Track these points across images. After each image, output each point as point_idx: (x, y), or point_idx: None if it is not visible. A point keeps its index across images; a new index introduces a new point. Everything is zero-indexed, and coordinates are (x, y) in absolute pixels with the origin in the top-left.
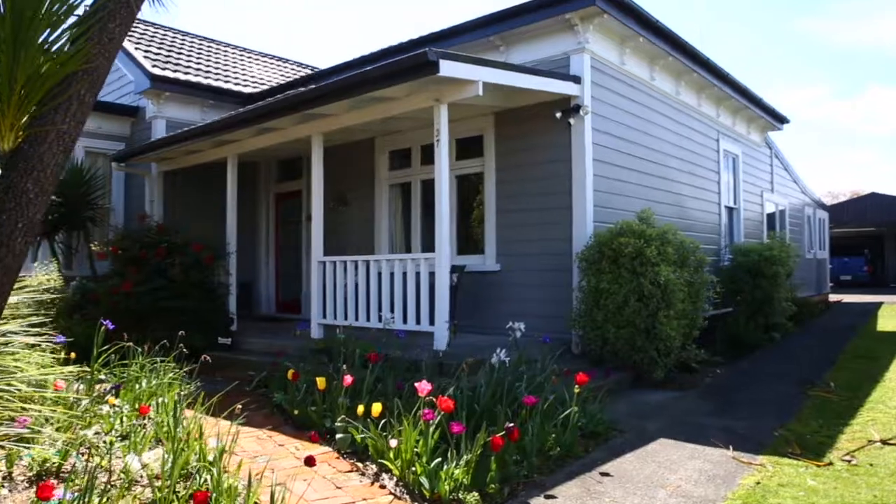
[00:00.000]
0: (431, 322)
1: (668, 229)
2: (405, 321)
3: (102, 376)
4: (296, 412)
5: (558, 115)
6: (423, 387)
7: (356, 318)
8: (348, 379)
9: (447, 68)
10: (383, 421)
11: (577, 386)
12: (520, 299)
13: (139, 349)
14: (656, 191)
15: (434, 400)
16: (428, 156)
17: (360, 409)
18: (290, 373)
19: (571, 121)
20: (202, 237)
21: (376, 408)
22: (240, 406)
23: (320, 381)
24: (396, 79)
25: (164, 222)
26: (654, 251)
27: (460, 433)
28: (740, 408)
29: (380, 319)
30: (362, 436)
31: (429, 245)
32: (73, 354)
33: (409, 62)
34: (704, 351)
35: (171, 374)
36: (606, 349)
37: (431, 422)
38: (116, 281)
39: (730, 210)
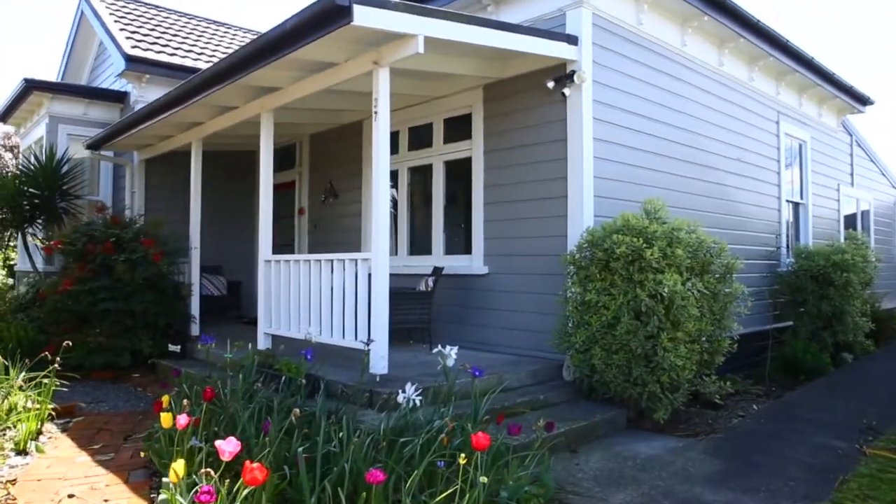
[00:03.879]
0: (368, 338)
1: (679, 225)
2: (343, 335)
3: None
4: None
5: (550, 84)
6: (225, 447)
7: (299, 329)
8: (182, 420)
9: (365, 16)
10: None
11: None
12: (510, 309)
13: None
14: (689, 180)
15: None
16: (416, 139)
17: (178, 468)
18: (165, 399)
19: (566, 91)
20: (175, 232)
21: (178, 469)
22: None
23: (164, 419)
24: (313, 31)
25: (141, 214)
26: (656, 253)
27: None
28: (760, 472)
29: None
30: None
31: (417, 242)
32: None
33: (319, 7)
34: (746, 377)
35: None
36: (596, 378)
37: None
38: (58, 279)
39: (794, 206)
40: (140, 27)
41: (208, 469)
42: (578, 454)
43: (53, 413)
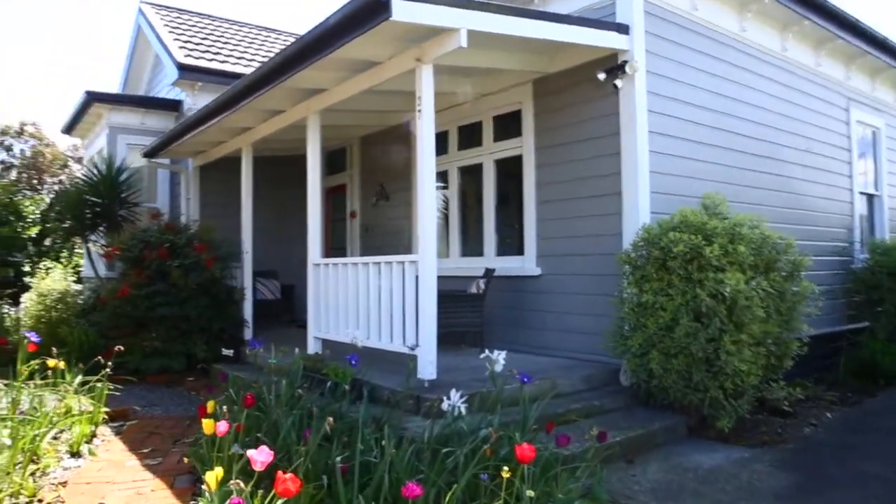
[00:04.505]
0: (415, 342)
1: (741, 221)
2: (392, 339)
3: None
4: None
5: (602, 76)
6: (257, 457)
7: (347, 334)
8: (222, 427)
9: (405, 11)
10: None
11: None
12: (564, 311)
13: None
14: (752, 173)
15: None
16: (465, 138)
17: (213, 476)
18: (210, 404)
19: (618, 83)
20: (228, 237)
21: (214, 476)
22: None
23: (206, 425)
24: (354, 28)
25: (195, 220)
26: (716, 251)
27: None
28: (835, 489)
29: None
30: None
31: (469, 244)
32: (62, 363)
33: (359, 2)
34: (817, 382)
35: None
36: (654, 384)
37: None
38: (116, 284)
39: (868, 198)
40: (192, 37)
41: (238, 480)
42: (635, 465)
43: (108, 416)
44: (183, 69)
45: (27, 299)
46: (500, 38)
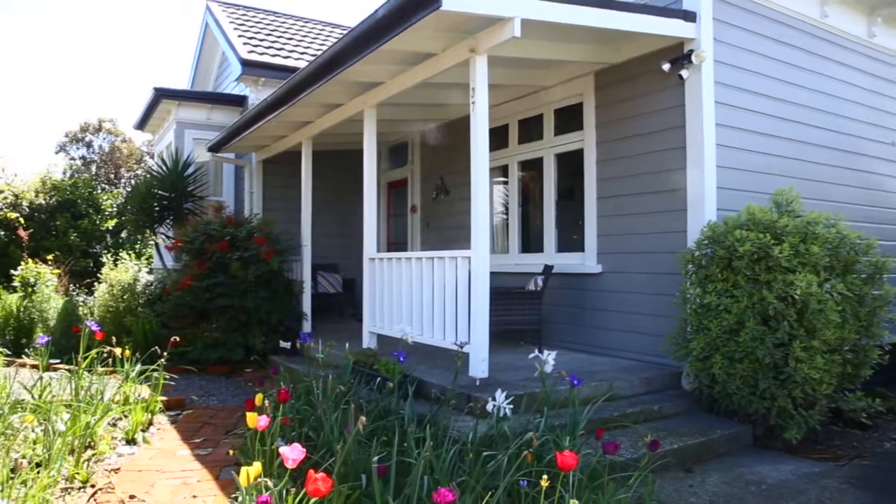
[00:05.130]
0: (468, 338)
1: (816, 219)
2: (444, 336)
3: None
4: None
5: (666, 66)
6: (288, 454)
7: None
8: (262, 421)
9: (455, 1)
10: None
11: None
12: (625, 311)
13: (161, 352)
14: (829, 168)
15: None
16: (526, 132)
17: (250, 472)
18: (258, 397)
19: (684, 73)
20: (289, 230)
21: (250, 472)
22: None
23: (249, 419)
24: (403, 19)
25: (257, 213)
26: (786, 250)
27: None
28: None
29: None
30: None
31: (528, 240)
32: (126, 352)
33: None
34: None
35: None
36: (717, 389)
37: None
38: (180, 276)
39: None
40: (257, 33)
41: (267, 479)
42: (693, 474)
43: (164, 405)
44: (246, 65)
45: (98, 289)
46: (558, 28)
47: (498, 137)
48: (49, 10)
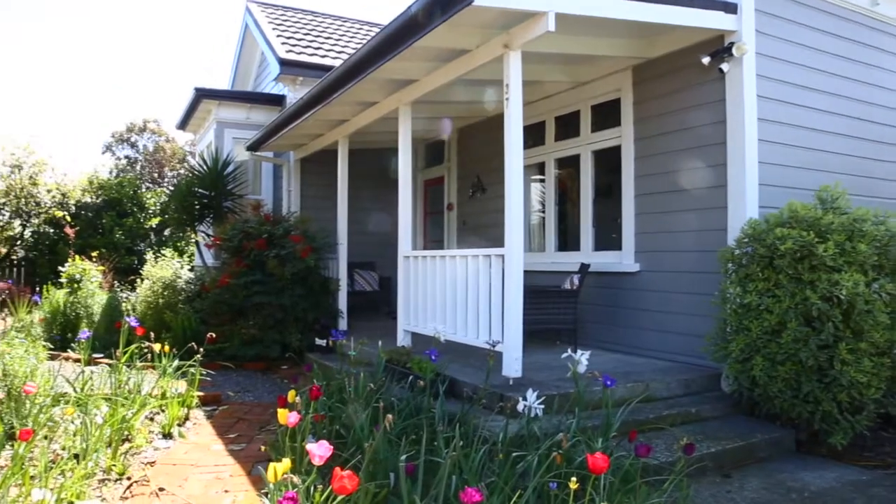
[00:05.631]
0: (501, 337)
1: (863, 216)
2: (478, 335)
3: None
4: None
5: (706, 60)
6: (315, 451)
7: (434, 327)
8: (292, 418)
9: None
10: None
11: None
12: (663, 310)
13: (198, 348)
14: (880, 163)
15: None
16: (563, 128)
17: (278, 468)
18: (290, 394)
19: (724, 67)
20: (325, 228)
21: (278, 468)
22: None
23: (280, 415)
24: (436, 15)
25: (295, 212)
26: (831, 249)
27: None
28: None
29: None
30: None
31: (566, 238)
32: (165, 347)
33: None
34: None
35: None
36: (757, 392)
37: None
38: (218, 273)
39: None
40: (295, 33)
41: (293, 474)
42: (732, 479)
43: (201, 400)
44: (284, 64)
45: (140, 286)
46: (593, 22)
47: (534, 134)
48: (100, 16)
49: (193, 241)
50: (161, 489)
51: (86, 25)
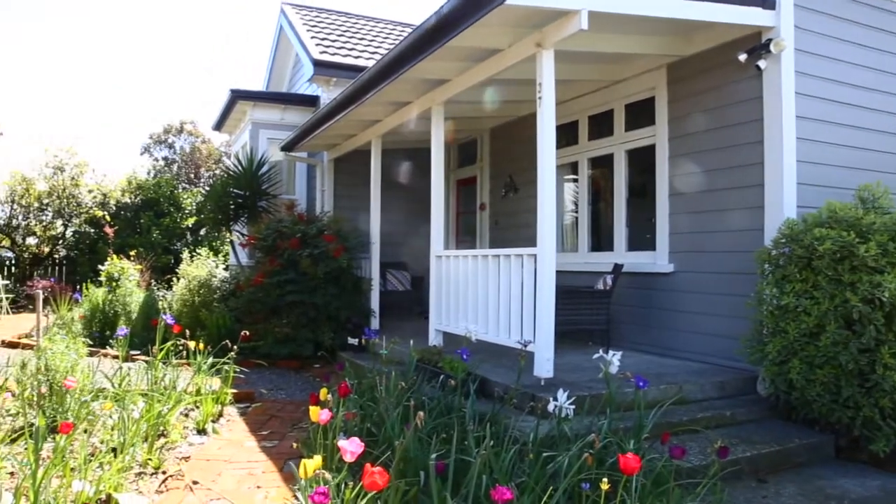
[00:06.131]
0: (533, 337)
1: None
2: (509, 335)
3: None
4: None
5: (742, 57)
6: (347, 447)
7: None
8: (324, 415)
9: None
10: None
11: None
12: (697, 311)
13: (232, 346)
14: None
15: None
16: (597, 127)
17: (308, 464)
18: (322, 392)
19: (761, 64)
20: (358, 228)
21: (309, 465)
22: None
23: (312, 413)
24: (469, 14)
25: (328, 211)
26: (873, 249)
27: None
28: None
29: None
30: None
31: (599, 238)
32: (199, 345)
33: None
34: None
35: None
36: (794, 396)
37: None
38: (253, 272)
39: None
40: (329, 34)
41: (325, 470)
42: (767, 485)
43: (234, 397)
44: (318, 65)
45: (177, 285)
46: (627, 20)
47: (567, 134)
48: (141, 19)
49: (228, 240)
50: (195, 482)
51: (128, 29)
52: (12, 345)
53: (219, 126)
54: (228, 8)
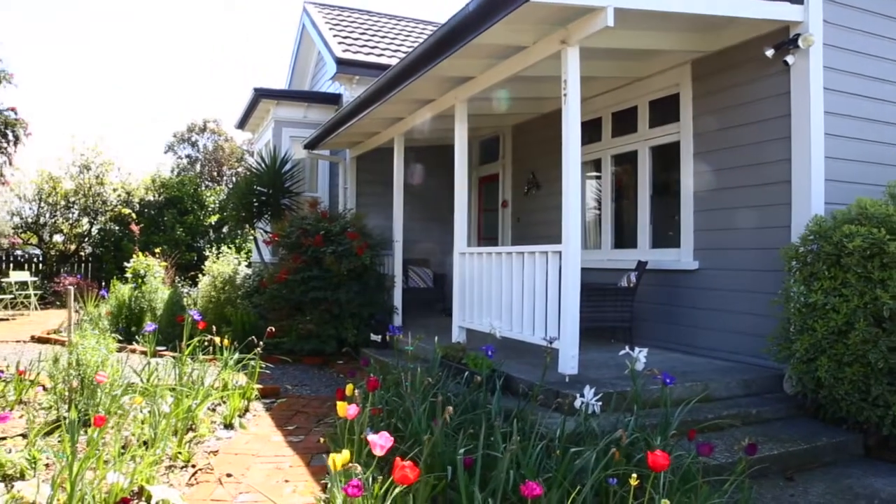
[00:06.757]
0: (557, 334)
1: None
2: (534, 332)
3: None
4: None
5: (769, 52)
6: (377, 441)
7: (490, 324)
8: (351, 410)
9: None
10: None
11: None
12: (722, 309)
13: (257, 342)
14: None
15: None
16: (620, 124)
17: (338, 459)
18: (349, 388)
19: (789, 59)
20: (380, 225)
21: (338, 459)
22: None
23: (339, 408)
24: (494, 12)
25: (351, 209)
26: None
27: None
28: None
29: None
30: None
31: (622, 235)
32: (225, 341)
33: None
34: None
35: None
36: (822, 394)
37: None
38: (276, 269)
39: None
40: (351, 32)
41: (356, 464)
42: (795, 483)
43: (260, 393)
44: (341, 63)
45: (201, 281)
46: (653, 16)
47: (590, 131)
48: (164, 20)
49: (251, 237)
50: (229, 475)
51: (151, 30)
52: (41, 340)
53: (242, 124)
54: (251, 7)
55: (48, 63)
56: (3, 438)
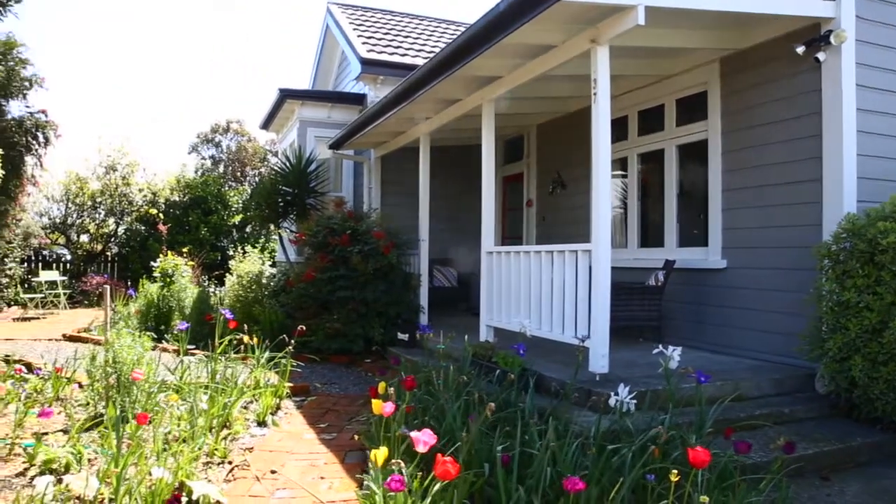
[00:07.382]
0: (587, 333)
1: None
2: (563, 330)
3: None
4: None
5: (800, 49)
6: (420, 438)
7: (519, 323)
8: (388, 408)
9: None
10: None
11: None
12: (751, 308)
13: (288, 341)
14: None
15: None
16: (647, 123)
17: (378, 455)
18: (381, 386)
19: (821, 56)
20: (406, 225)
21: (379, 455)
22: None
23: (374, 406)
24: (525, 12)
25: (376, 208)
26: None
27: None
28: None
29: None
30: None
31: (648, 234)
32: (254, 339)
33: None
34: None
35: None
36: (856, 394)
37: None
38: (303, 268)
39: None
40: (375, 33)
41: (399, 460)
42: (831, 483)
43: (290, 391)
44: (365, 63)
45: (228, 281)
46: (683, 14)
47: (617, 129)
48: (190, 21)
49: (275, 237)
50: (273, 471)
51: (176, 30)
52: (73, 339)
53: (266, 125)
54: (275, 8)
55: (73, 62)
56: (45, 434)
